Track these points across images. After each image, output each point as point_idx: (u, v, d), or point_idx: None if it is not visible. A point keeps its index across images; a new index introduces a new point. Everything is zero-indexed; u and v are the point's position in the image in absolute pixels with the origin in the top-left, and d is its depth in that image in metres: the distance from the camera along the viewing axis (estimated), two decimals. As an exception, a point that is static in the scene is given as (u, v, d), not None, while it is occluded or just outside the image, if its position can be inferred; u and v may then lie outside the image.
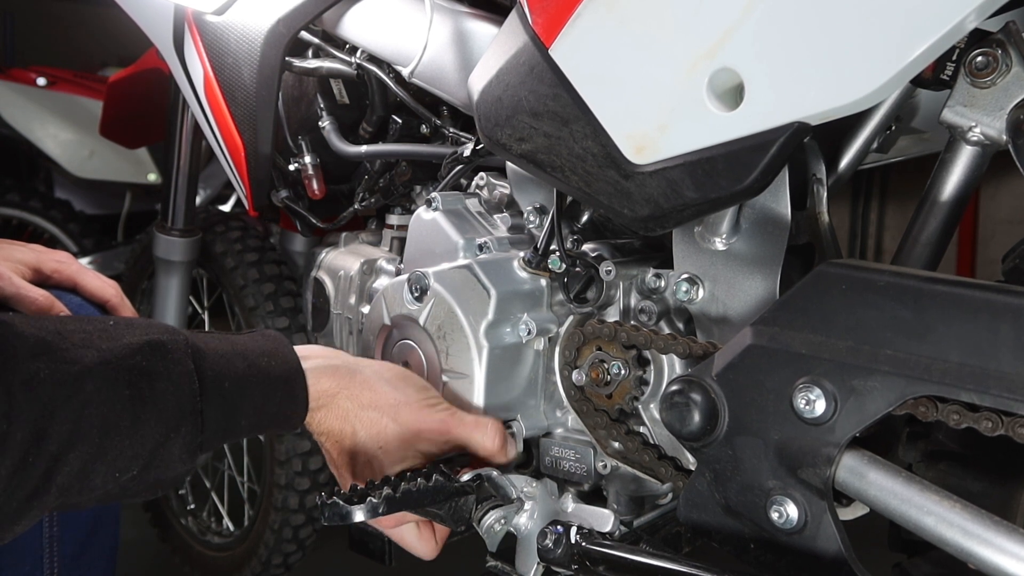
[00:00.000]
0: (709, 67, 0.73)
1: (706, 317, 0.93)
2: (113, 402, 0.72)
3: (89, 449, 0.71)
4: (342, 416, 0.90)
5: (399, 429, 0.91)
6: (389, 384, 0.92)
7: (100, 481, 0.73)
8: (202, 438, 0.78)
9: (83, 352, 0.72)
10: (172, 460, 0.77)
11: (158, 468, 0.77)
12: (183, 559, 1.88)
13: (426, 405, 0.93)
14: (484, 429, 0.94)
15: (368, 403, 0.90)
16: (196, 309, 1.87)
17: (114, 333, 0.76)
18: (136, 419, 0.74)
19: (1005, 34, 0.74)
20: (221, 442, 0.82)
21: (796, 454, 0.73)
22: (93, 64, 4.44)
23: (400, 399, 0.91)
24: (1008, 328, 0.64)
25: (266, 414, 0.83)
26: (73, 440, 0.70)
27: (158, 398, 0.75)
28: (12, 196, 3.25)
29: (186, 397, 0.77)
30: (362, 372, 0.91)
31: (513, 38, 0.88)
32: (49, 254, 1.03)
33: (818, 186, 0.96)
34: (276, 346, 0.87)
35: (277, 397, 0.84)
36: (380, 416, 0.90)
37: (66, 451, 0.70)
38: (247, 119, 1.31)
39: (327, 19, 1.29)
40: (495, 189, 1.19)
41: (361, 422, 0.90)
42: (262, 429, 0.85)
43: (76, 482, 0.72)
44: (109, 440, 0.72)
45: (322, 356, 0.91)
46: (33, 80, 3.56)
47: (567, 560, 0.87)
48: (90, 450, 0.71)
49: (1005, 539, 0.64)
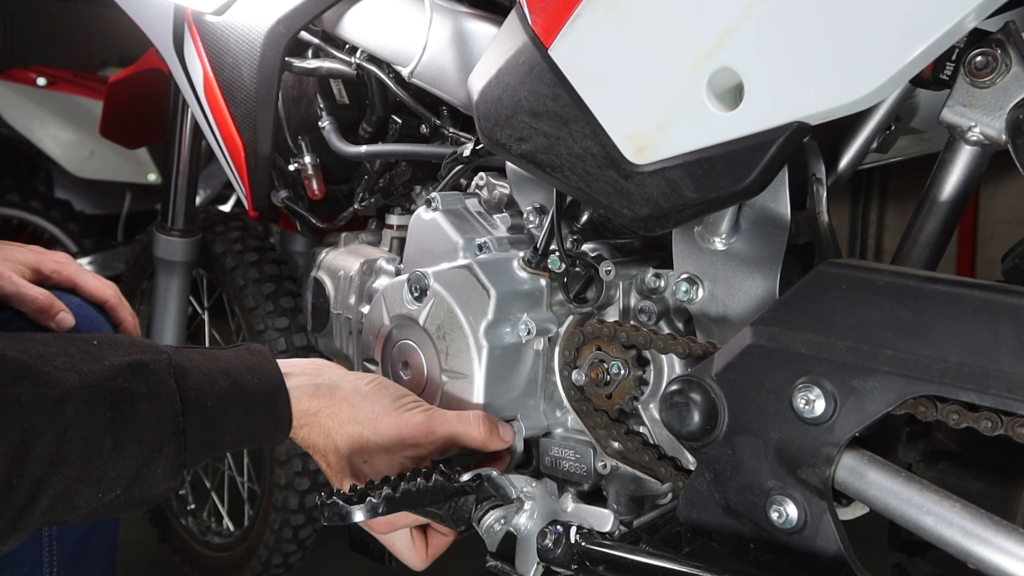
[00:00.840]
0: (709, 67, 0.73)
1: (706, 317, 0.93)
2: (95, 425, 0.73)
3: (72, 472, 0.72)
4: (325, 434, 0.91)
5: (380, 440, 0.92)
6: (366, 398, 0.93)
7: (84, 501, 0.74)
8: (185, 456, 0.79)
9: (64, 375, 0.73)
10: (156, 479, 0.78)
11: (142, 487, 0.78)
12: (183, 559, 1.88)
13: (403, 411, 0.93)
14: (467, 421, 0.95)
15: (347, 419, 0.91)
16: (196, 309, 1.87)
17: (97, 355, 0.77)
18: (118, 441, 0.74)
19: (1004, 34, 0.74)
20: (204, 459, 0.83)
21: (796, 454, 0.73)
22: (93, 64, 4.44)
23: (377, 411, 0.92)
24: (1008, 328, 0.64)
25: (248, 431, 0.84)
26: (55, 463, 0.71)
27: (140, 419, 0.76)
28: (12, 196, 3.26)
29: (168, 417, 0.78)
30: (342, 388, 0.92)
31: (513, 38, 0.88)
32: (48, 255, 1.03)
33: (818, 186, 0.96)
34: (260, 361, 0.88)
35: (260, 415, 0.85)
36: (361, 430, 0.91)
37: (49, 474, 0.70)
38: (247, 119, 1.31)
39: (327, 19, 1.29)
40: (495, 189, 1.19)
41: (342, 438, 0.91)
42: (245, 445, 0.86)
43: (60, 503, 0.72)
44: (92, 462, 0.73)
45: (306, 373, 0.92)
46: (33, 80, 3.56)
47: (567, 560, 0.87)
48: (73, 473, 0.72)
49: (1005, 539, 0.64)
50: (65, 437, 0.71)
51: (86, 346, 0.78)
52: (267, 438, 0.87)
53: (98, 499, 0.75)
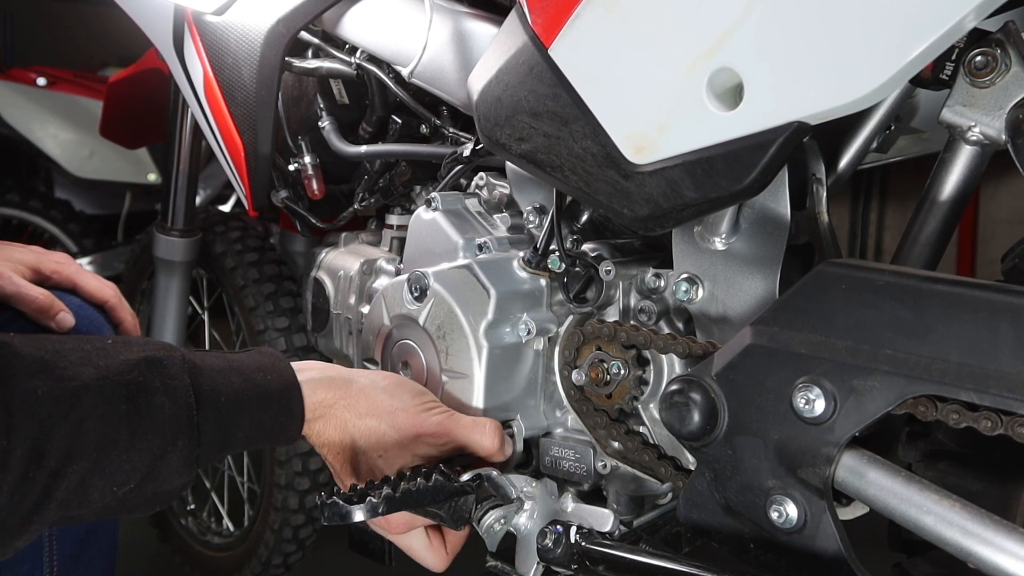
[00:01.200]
0: (708, 67, 0.73)
1: (706, 317, 0.93)
2: (110, 417, 0.74)
3: (87, 463, 0.72)
4: (340, 426, 0.91)
5: (397, 435, 0.91)
6: (385, 392, 0.93)
7: (99, 495, 0.74)
8: (199, 451, 0.80)
9: (80, 369, 0.74)
10: (170, 473, 0.78)
11: (156, 481, 0.78)
12: (183, 559, 1.88)
13: (423, 410, 0.93)
14: (482, 429, 0.95)
15: (365, 412, 0.91)
16: (196, 309, 1.87)
17: (112, 351, 0.78)
18: (133, 433, 0.75)
19: (1004, 34, 0.74)
20: (218, 455, 0.83)
21: (796, 454, 0.73)
22: (93, 64, 4.44)
23: (397, 406, 0.92)
24: (1008, 328, 0.64)
25: (262, 427, 0.84)
26: (71, 455, 0.71)
27: (155, 412, 0.76)
28: (12, 196, 3.26)
29: (182, 411, 0.78)
30: (357, 382, 0.92)
31: (513, 38, 0.88)
32: (48, 255, 1.03)
33: (818, 186, 0.96)
34: (272, 361, 0.88)
35: (273, 410, 0.85)
36: (378, 424, 0.91)
37: (65, 466, 0.71)
38: (247, 119, 1.31)
39: (327, 19, 1.29)
40: (495, 189, 1.19)
41: (360, 431, 0.91)
42: (259, 442, 0.86)
43: (75, 496, 0.73)
44: (107, 454, 0.73)
45: (318, 368, 0.92)
46: (33, 80, 3.56)
47: (567, 560, 0.87)
48: (88, 464, 0.72)
49: (1005, 539, 0.64)
50: (81, 428, 0.72)
51: (101, 343, 0.79)
52: (281, 434, 0.87)
53: (112, 492, 0.75)
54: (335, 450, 0.92)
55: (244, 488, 1.84)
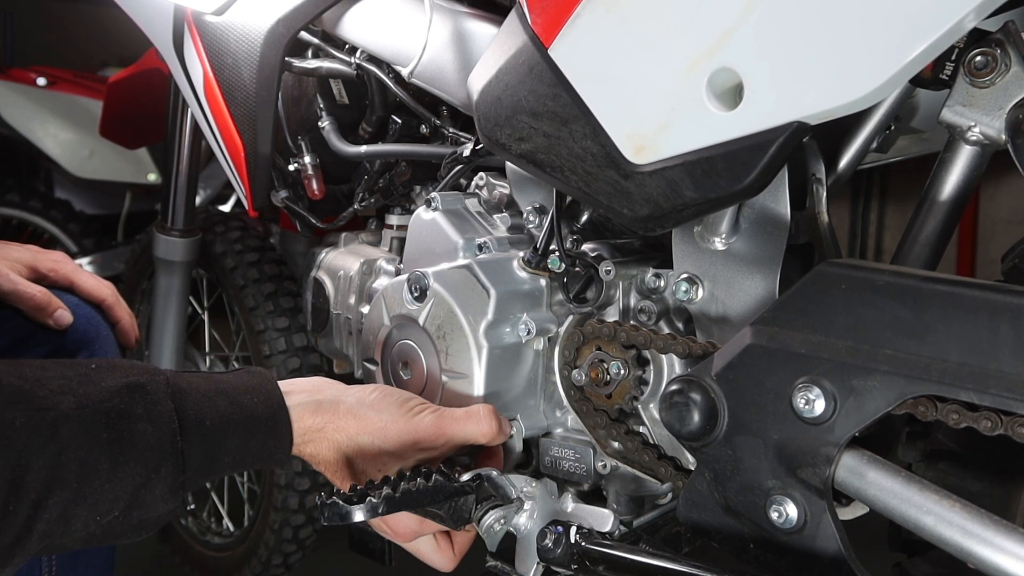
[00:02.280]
0: (708, 67, 0.73)
1: (706, 317, 0.93)
2: (91, 446, 0.73)
3: (68, 494, 0.71)
4: (333, 448, 0.90)
5: (391, 448, 0.91)
6: (372, 408, 0.92)
7: (81, 524, 0.73)
8: (184, 477, 0.79)
9: (60, 398, 0.73)
10: (154, 500, 0.77)
11: (140, 509, 0.77)
12: (183, 559, 1.88)
13: (412, 415, 0.92)
14: (476, 417, 0.94)
15: (356, 432, 0.90)
16: (196, 309, 1.87)
17: (94, 377, 0.77)
18: (115, 461, 0.74)
19: (1004, 34, 0.74)
20: (204, 480, 0.82)
21: (795, 454, 0.73)
22: (93, 64, 4.44)
23: (386, 419, 0.91)
24: (1008, 328, 0.64)
25: (249, 451, 0.84)
26: (51, 486, 0.70)
27: (137, 439, 0.75)
28: (12, 196, 3.26)
29: (166, 437, 0.77)
30: (345, 402, 0.91)
31: (513, 38, 0.88)
32: (45, 254, 1.03)
33: (818, 186, 0.96)
34: (260, 382, 0.87)
35: (260, 435, 0.84)
36: (371, 441, 0.90)
37: (45, 497, 0.70)
38: (247, 119, 1.31)
39: (327, 19, 1.29)
40: (495, 189, 1.19)
41: (353, 451, 0.90)
42: (247, 465, 0.85)
43: (57, 527, 0.72)
44: (88, 484, 0.72)
45: (306, 391, 0.91)
46: (33, 80, 3.56)
47: (567, 560, 0.87)
48: (69, 495, 0.71)
49: (1005, 539, 0.64)
50: (61, 459, 0.71)
51: (84, 369, 0.77)
52: (268, 457, 0.86)
53: (96, 521, 0.74)
54: (332, 468, 0.92)
55: (244, 488, 1.84)
